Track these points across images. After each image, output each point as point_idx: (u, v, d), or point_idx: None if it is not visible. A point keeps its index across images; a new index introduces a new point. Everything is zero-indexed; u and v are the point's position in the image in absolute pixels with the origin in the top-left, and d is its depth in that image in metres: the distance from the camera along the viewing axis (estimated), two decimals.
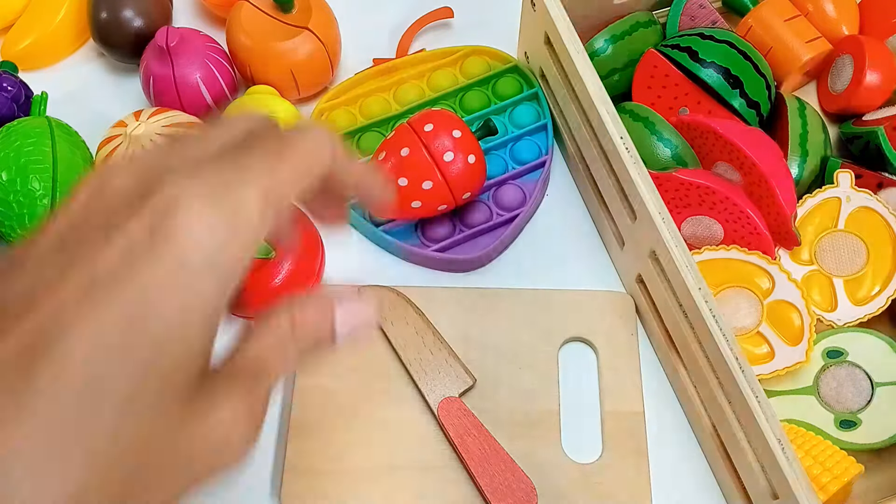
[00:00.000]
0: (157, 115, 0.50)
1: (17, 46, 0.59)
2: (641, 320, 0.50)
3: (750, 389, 0.38)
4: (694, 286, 0.40)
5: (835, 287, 0.47)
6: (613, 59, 0.53)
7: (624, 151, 0.43)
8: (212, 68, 0.54)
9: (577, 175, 0.54)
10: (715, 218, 0.48)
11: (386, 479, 0.44)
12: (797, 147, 0.50)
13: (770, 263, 0.46)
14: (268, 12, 0.54)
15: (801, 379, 0.46)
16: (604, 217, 0.51)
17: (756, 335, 0.46)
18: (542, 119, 0.55)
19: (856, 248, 0.48)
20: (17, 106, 0.53)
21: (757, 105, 0.51)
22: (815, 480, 0.40)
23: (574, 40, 0.47)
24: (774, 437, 0.37)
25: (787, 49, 0.53)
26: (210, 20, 0.62)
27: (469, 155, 0.42)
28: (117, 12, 0.55)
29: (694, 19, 0.54)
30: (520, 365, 0.47)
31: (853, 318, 0.47)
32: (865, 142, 0.51)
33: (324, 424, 0.46)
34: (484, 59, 0.58)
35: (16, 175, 0.47)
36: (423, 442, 0.45)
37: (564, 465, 0.45)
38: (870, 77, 0.52)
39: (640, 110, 0.51)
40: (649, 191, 0.43)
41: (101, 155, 0.50)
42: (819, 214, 0.49)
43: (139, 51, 0.55)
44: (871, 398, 0.44)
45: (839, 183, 0.49)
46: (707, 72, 0.50)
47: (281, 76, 0.54)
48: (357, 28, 0.60)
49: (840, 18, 0.55)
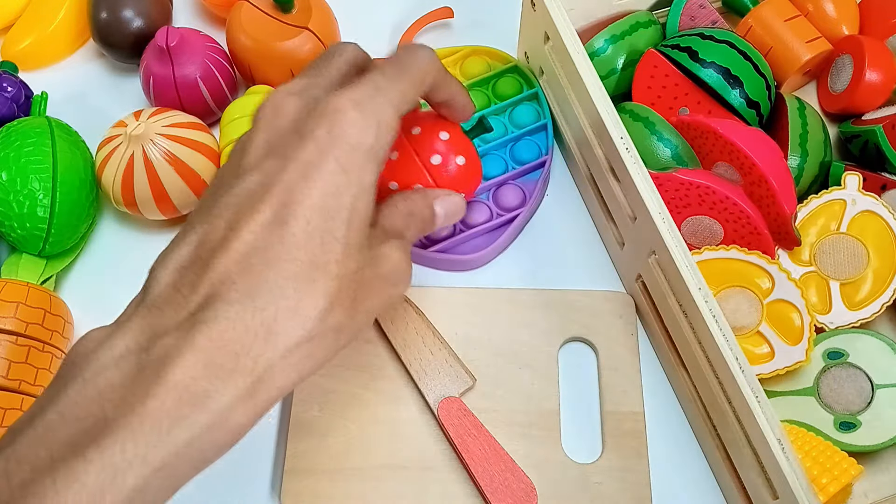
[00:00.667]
0: (157, 115, 0.50)
1: (17, 46, 0.59)
2: (641, 320, 0.50)
3: (750, 389, 0.38)
4: (694, 286, 0.40)
5: (830, 290, 0.47)
6: (613, 59, 0.53)
7: (624, 151, 0.43)
8: (212, 68, 0.54)
9: (577, 175, 0.54)
10: (715, 218, 0.48)
11: (386, 479, 0.44)
12: (797, 147, 0.50)
13: (770, 263, 0.46)
14: (268, 12, 0.54)
15: (802, 380, 0.46)
16: (604, 217, 0.51)
17: (756, 335, 0.46)
18: (542, 119, 0.55)
19: (856, 252, 0.48)
20: (17, 106, 0.53)
21: (757, 105, 0.51)
22: (814, 481, 0.40)
23: (574, 40, 0.47)
24: (774, 437, 0.37)
25: (787, 49, 0.53)
26: (210, 20, 0.62)
27: (458, 156, 0.41)
28: (117, 12, 0.55)
29: (694, 19, 0.54)
30: (520, 365, 0.47)
31: (846, 322, 0.47)
32: (864, 141, 0.51)
33: (324, 424, 0.46)
34: (484, 59, 0.58)
35: (16, 175, 0.47)
36: (423, 442, 0.45)
37: (564, 465, 0.45)
38: (870, 77, 0.52)
39: (640, 110, 0.51)
40: (649, 191, 0.43)
41: (101, 155, 0.50)
42: (823, 216, 0.49)
43: (139, 51, 0.55)
44: (872, 400, 0.44)
45: (846, 185, 0.49)
46: (707, 72, 0.50)
47: (281, 76, 0.54)
48: (357, 28, 0.60)
49: (840, 18, 0.55)
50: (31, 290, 0.46)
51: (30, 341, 0.45)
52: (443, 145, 0.41)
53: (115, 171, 0.49)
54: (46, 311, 0.46)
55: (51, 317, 0.46)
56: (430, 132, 0.42)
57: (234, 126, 0.51)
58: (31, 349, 0.44)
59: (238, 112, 0.51)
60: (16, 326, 0.44)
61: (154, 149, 0.48)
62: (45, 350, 0.45)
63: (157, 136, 0.48)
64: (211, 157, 0.51)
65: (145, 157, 0.48)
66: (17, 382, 0.43)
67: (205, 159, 0.50)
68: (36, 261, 0.49)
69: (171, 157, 0.49)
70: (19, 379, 0.43)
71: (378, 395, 0.47)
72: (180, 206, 0.51)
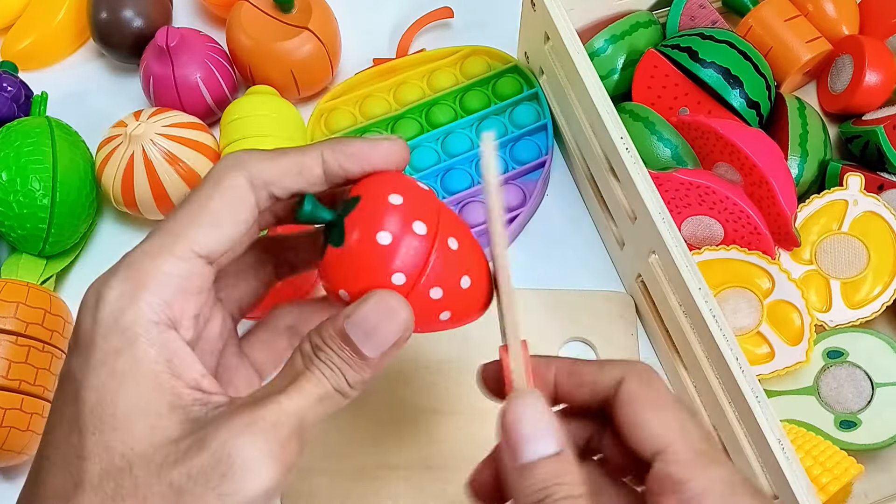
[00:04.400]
0: (157, 115, 0.50)
1: (17, 46, 0.59)
2: (641, 320, 0.50)
3: (750, 389, 0.38)
4: (694, 286, 0.40)
5: (831, 288, 0.47)
6: (613, 59, 0.53)
7: (624, 151, 0.43)
8: (212, 68, 0.54)
9: (577, 175, 0.54)
10: (715, 218, 0.48)
11: (386, 479, 0.44)
12: (797, 147, 0.50)
13: (770, 263, 0.46)
14: (268, 12, 0.54)
15: (802, 379, 0.46)
16: (604, 217, 0.51)
17: (756, 335, 0.46)
18: (542, 119, 0.55)
19: (856, 252, 0.48)
20: (17, 106, 0.53)
21: (757, 105, 0.51)
22: (814, 481, 0.40)
23: (574, 40, 0.47)
24: (774, 437, 0.37)
25: (787, 49, 0.53)
26: (210, 20, 0.62)
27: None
28: (117, 12, 0.55)
29: (694, 19, 0.54)
30: None
31: (846, 321, 0.47)
32: (865, 141, 0.51)
33: (323, 424, 0.45)
34: (484, 59, 0.58)
35: (16, 175, 0.47)
36: (423, 442, 0.45)
37: None
38: (870, 77, 0.52)
39: (640, 110, 0.51)
40: (649, 191, 0.43)
41: (101, 155, 0.50)
42: (825, 215, 0.49)
43: (139, 51, 0.55)
44: (872, 398, 0.44)
45: (848, 186, 0.49)
46: (707, 72, 0.50)
47: (281, 76, 0.54)
48: (357, 28, 0.60)
49: (840, 18, 0.55)
50: (31, 290, 0.46)
51: (30, 341, 0.45)
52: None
53: (115, 171, 0.49)
54: (46, 311, 0.46)
55: (51, 317, 0.46)
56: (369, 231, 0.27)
57: (234, 126, 0.51)
58: (31, 349, 0.44)
59: (238, 112, 0.51)
60: (16, 326, 0.44)
61: (154, 149, 0.48)
62: (45, 350, 0.45)
63: (157, 136, 0.48)
64: (211, 157, 0.51)
65: (145, 157, 0.48)
66: (17, 382, 0.43)
67: (205, 159, 0.50)
68: (36, 261, 0.49)
69: (171, 157, 0.49)
70: (19, 379, 0.43)
71: (378, 395, 0.46)
72: None
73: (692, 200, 0.48)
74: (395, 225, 0.27)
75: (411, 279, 0.27)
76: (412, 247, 0.27)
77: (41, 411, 0.44)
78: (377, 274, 0.27)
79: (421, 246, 0.27)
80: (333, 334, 0.26)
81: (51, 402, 0.26)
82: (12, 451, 0.43)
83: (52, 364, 0.45)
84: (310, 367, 0.26)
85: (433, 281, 0.28)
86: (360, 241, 0.27)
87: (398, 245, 0.27)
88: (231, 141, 0.50)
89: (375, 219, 0.27)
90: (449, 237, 0.28)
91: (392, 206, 0.27)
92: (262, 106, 0.51)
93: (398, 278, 0.27)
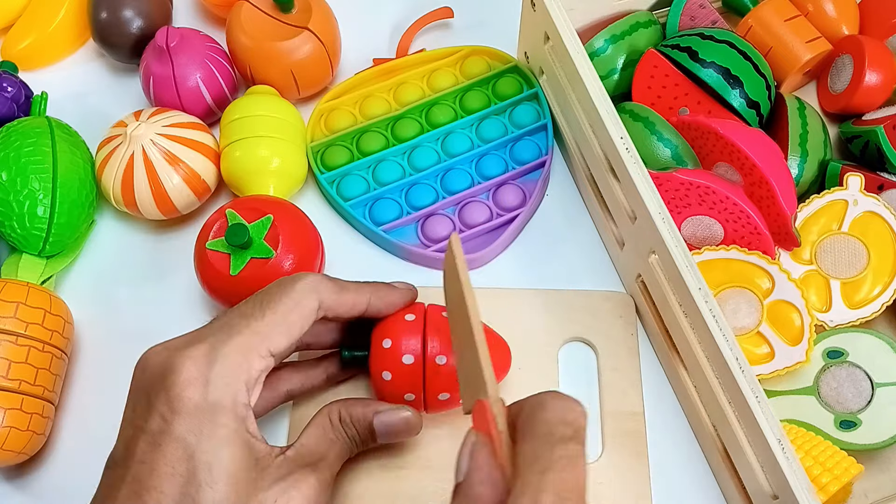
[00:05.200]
0: (157, 115, 0.50)
1: (17, 46, 0.59)
2: (641, 320, 0.50)
3: (750, 389, 0.38)
4: (694, 286, 0.40)
5: (831, 288, 0.47)
6: (613, 59, 0.53)
7: (624, 151, 0.43)
8: (212, 68, 0.54)
9: (577, 175, 0.54)
10: (715, 218, 0.48)
11: (385, 479, 0.44)
12: (797, 147, 0.50)
13: (770, 263, 0.46)
14: (268, 12, 0.54)
15: (801, 379, 0.46)
16: (604, 217, 0.51)
17: (756, 335, 0.46)
18: (542, 119, 0.55)
19: (856, 252, 0.48)
20: (17, 106, 0.53)
21: (757, 105, 0.51)
22: (815, 480, 0.40)
23: (574, 40, 0.47)
24: (774, 437, 0.37)
25: (787, 49, 0.53)
26: (210, 20, 0.62)
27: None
28: (117, 12, 0.55)
29: (694, 19, 0.54)
30: (520, 365, 0.47)
31: (845, 321, 0.47)
32: (865, 141, 0.51)
33: None
34: (484, 59, 0.58)
35: (16, 175, 0.47)
36: (424, 442, 0.45)
37: None
38: (870, 77, 0.52)
39: (640, 110, 0.51)
40: (649, 191, 0.43)
41: (101, 155, 0.50)
42: (825, 215, 0.49)
43: (139, 51, 0.55)
44: (872, 398, 0.44)
45: (848, 186, 0.49)
46: (707, 72, 0.50)
47: (281, 76, 0.54)
48: (357, 28, 0.60)
49: (840, 18, 0.55)
50: (31, 290, 0.46)
51: (30, 341, 0.45)
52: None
53: (115, 171, 0.49)
54: (46, 311, 0.46)
55: (51, 317, 0.46)
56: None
57: (234, 126, 0.51)
58: (31, 349, 0.44)
59: (238, 112, 0.51)
60: (16, 326, 0.44)
61: (154, 149, 0.48)
62: (45, 350, 0.45)
63: (157, 136, 0.48)
64: (211, 157, 0.51)
65: (145, 158, 0.48)
66: (17, 382, 0.43)
67: (205, 159, 0.50)
68: (36, 261, 0.49)
69: (171, 157, 0.49)
70: (19, 379, 0.43)
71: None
72: (180, 207, 0.51)
73: (692, 200, 0.48)
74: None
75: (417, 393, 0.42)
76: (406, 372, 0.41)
77: (41, 411, 0.44)
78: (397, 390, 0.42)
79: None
80: (361, 420, 0.40)
81: (141, 452, 0.33)
82: (12, 452, 0.43)
83: (52, 364, 0.45)
84: (339, 437, 0.39)
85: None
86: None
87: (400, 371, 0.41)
88: (231, 141, 0.50)
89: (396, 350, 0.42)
90: (437, 356, 0.41)
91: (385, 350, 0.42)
92: (262, 106, 0.51)
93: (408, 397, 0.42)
